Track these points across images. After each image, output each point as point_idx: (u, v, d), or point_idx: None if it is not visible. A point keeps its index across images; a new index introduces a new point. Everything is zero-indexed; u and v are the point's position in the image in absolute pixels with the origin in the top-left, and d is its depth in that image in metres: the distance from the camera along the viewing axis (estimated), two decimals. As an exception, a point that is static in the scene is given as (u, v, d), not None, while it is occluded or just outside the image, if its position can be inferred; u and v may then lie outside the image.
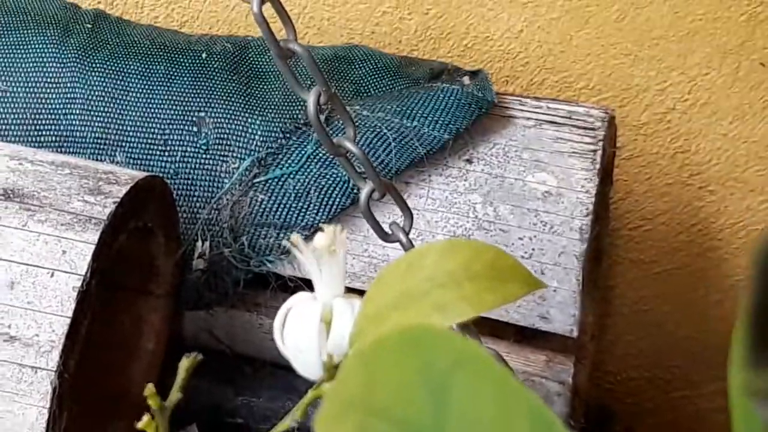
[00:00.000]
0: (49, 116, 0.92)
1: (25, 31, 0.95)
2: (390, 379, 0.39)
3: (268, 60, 0.96)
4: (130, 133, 0.92)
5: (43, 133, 0.92)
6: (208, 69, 0.94)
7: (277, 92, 0.93)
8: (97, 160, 0.91)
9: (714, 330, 1.06)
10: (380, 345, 0.40)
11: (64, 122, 0.92)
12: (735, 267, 1.04)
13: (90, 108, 0.92)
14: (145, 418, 0.54)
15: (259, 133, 0.91)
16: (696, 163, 1.02)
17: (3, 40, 0.95)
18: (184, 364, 0.58)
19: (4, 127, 0.92)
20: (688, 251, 1.05)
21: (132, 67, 0.94)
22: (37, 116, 0.92)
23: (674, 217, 1.04)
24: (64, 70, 0.93)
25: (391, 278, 0.55)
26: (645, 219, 1.05)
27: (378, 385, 0.39)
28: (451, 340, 0.38)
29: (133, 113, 0.92)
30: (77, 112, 0.92)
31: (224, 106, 0.92)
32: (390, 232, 0.79)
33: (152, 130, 0.92)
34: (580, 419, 0.94)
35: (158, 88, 0.93)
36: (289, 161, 0.90)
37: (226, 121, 0.92)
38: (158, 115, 0.92)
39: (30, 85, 0.93)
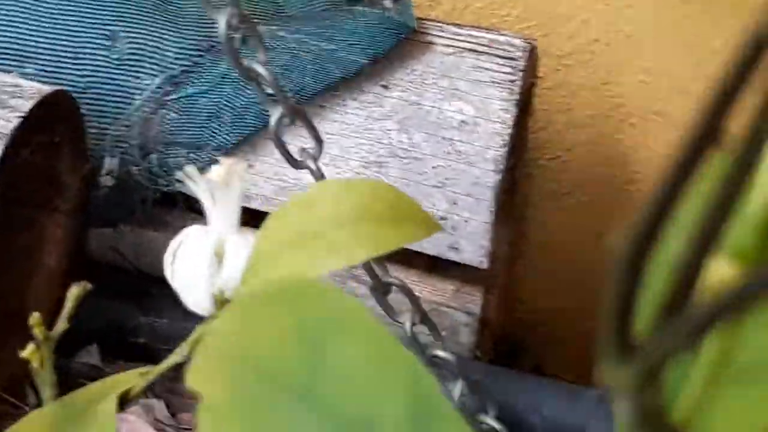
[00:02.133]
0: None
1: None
2: (266, 334, 0.38)
3: (185, -26, 0.93)
4: (41, 46, 0.89)
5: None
6: (123, -19, 0.92)
7: (192, 9, 0.91)
8: (6, 71, 0.88)
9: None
10: (257, 298, 0.39)
11: (-29, 30, 0.90)
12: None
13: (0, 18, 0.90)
14: (30, 347, 0.53)
15: (173, 49, 0.89)
16: (618, 95, 1.02)
17: None
18: (74, 292, 0.57)
19: None
20: (605, 183, 1.04)
21: (44, -25, 0.91)
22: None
23: (593, 149, 1.03)
24: (-28, -25, 0.90)
25: (287, 215, 0.53)
26: (564, 150, 1.04)
27: (253, 340, 0.38)
28: (331, 297, 0.37)
29: (45, 25, 0.90)
30: (-15, 20, 0.90)
31: (139, 21, 0.90)
32: (300, 159, 0.77)
33: (63, 42, 0.89)
34: (489, 351, 0.94)
35: (71, -1, 0.90)
36: (203, 80, 0.88)
37: (140, 36, 0.89)
38: (70, 28, 0.89)
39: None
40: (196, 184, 0.53)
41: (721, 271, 0.24)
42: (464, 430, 0.36)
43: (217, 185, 0.53)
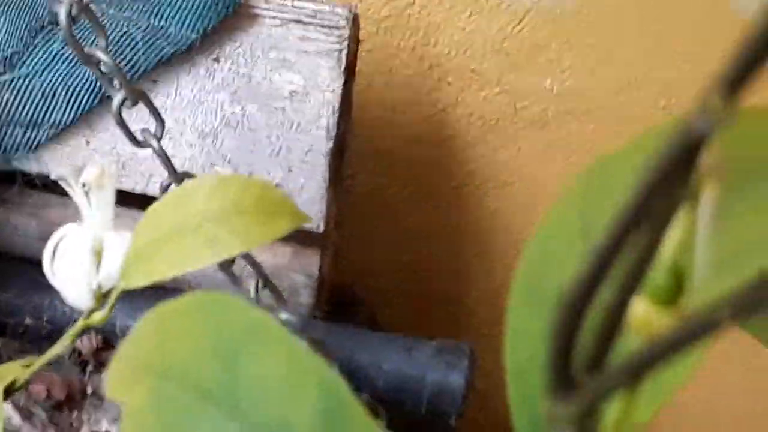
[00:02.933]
0: None
1: None
2: (183, 345, 0.41)
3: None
4: None
5: None
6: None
7: (21, -11, 0.91)
8: None
9: (452, 213, 1.11)
10: (172, 310, 0.41)
11: None
12: (471, 156, 1.08)
13: None
14: None
15: (2, 31, 0.89)
16: (435, 55, 1.06)
17: None
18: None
19: None
20: (426, 140, 1.09)
21: None
22: None
23: (414, 107, 1.08)
24: None
25: (161, 212, 0.56)
26: (386, 110, 1.08)
27: (171, 351, 0.41)
28: (242, 310, 0.40)
29: None
30: None
31: (-36, 1, 0.90)
32: (142, 139, 0.79)
33: None
34: (325, 308, 0.98)
35: None
36: (35, 60, 0.89)
37: (-33, 15, 0.89)
38: None
39: None
40: (71, 186, 0.56)
41: (641, 310, 0.29)
42: (372, 427, 0.39)
43: (90, 187, 0.56)
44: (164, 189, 0.81)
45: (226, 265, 0.87)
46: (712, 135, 0.23)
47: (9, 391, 0.56)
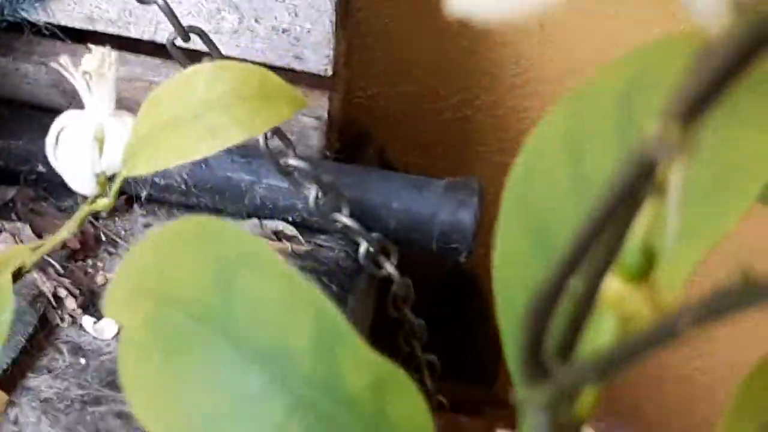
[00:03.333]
0: None
1: None
2: (181, 269, 0.42)
3: None
4: None
5: None
6: None
7: None
8: None
9: (453, 50, 1.11)
10: (170, 235, 0.42)
11: None
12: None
13: None
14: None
15: None
16: None
17: None
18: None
19: None
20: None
21: None
22: None
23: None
24: None
25: (162, 99, 0.56)
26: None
27: (167, 274, 0.42)
28: (238, 236, 0.41)
29: None
30: None
31: None
32: (147, -7, 0.79)
33: None
34: (334, 146, 0.98)
35: None
36: None
37: None
38: None
39: None
40: (71, 74, 0.56)
41: (613, 288, 0.29)
42: (369, 355, 0.41)
43: (92, 74, 0.56)
44: (171, 43, 0.81)
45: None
46: (666, 162, 0.24)
47: (17, 276, 0.57)
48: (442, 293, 1.11)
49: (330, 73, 0.92)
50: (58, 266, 0.88)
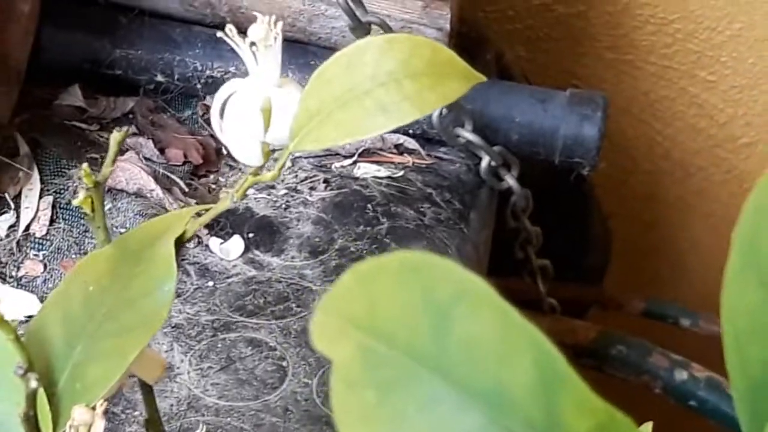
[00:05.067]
0: None
1: None
2: (391, 304, 0.41)
3: None
4: None
5: None
6: None
7: None
8: None
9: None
10: (379, 267, 0.41)
11: None
12: None
13: None
14: (82, 194, 0.55)
15: None
16: None
17: None
18: (115, 137, 0.58)
19: None
20: None
21: None
22: None
23: None
24: None
25: (331, 74, 0.55)
26: None
27: (379, 308, 0.41)
28: (453, 271, 0.40)
29: None
30: None
31: None
32: None
33: None
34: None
35: None
36: None
37: None
38: None
39: None
40: (237, 45, 0.55)
41: None
42: (591, 399, 0.40)
43: (258, 44, 0.55)
44: None
45: (362, 34, 0.86)
46: None
47: (179, 243, 0.56)
48: (554, 199, 1.11)
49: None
50: (182, 185, 0.87)
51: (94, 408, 0.52)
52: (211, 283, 0.83)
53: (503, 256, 1.01)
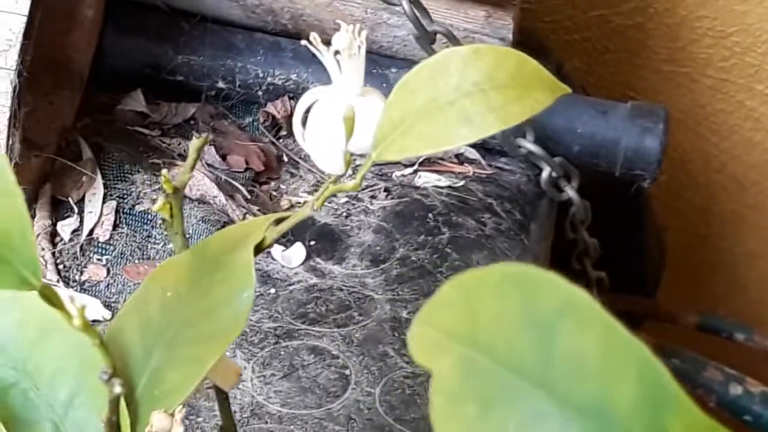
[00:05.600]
0: None
1: None
2: (492, 317, 0.40)
3: None
4: None
5: None
6: None
7: None
8: None
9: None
10: (480, 279, 0.41)
11: None
12: None
13: None
14: (160, 201, 0.55)
15: None
16: None
17: None
18: (195, 144, 0.58)
19: None
20: None
21: None
22: None
23: None
24: None
25: (414, 84, 0.55)
26: None
27: (480, 320, 0.41)
28: (557, 285, 0.40)
29: None
30: None
31: None
32: None
33: None
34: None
35: None
36: None
37: None
38: None
39: None
40: (321, 53, 0.55)
41: None
42: (698, 417, 0.39)
43: (342, 53, 0.54)
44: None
45: (427, 43, 0.86)
46: None
47: (258, 250, 0.56)
48: (610, 211, 1.10)
49: (516, -5, 0.89)
50: (245, 191, 0.87)
51: (172, 414, 0.52)
52: (273, 291, 0.83)
53: (559, 268, 1.00)
